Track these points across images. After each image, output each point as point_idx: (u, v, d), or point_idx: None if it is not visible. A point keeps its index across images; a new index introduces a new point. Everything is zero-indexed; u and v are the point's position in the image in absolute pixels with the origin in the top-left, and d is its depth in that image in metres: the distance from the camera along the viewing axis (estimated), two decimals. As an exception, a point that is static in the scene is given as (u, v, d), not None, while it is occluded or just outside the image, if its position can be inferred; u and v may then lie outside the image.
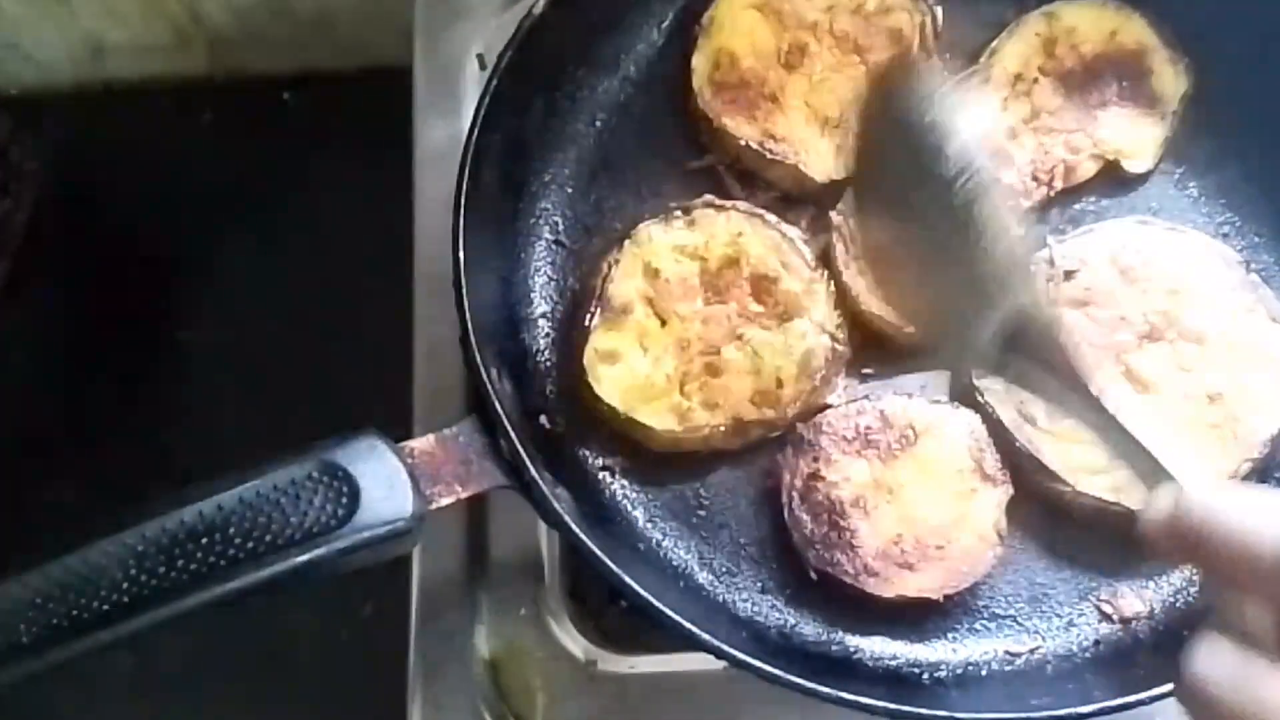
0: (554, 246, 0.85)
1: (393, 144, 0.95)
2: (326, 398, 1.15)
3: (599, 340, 0.77)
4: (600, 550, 0.70)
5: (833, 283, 0.80)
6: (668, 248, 0.80)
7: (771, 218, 0.81)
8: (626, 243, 0.79)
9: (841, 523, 0.76)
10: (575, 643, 0.83)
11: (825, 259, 0.81)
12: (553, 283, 0.84)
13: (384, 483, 0.67)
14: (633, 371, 0.77)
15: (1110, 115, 0.85)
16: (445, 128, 0.95)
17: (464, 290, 0.73)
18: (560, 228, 0.85)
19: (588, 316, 0.78)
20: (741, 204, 0.82)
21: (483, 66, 0.96)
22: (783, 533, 0.77)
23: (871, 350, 0.82)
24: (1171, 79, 0.85)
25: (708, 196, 0.81)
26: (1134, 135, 0.84)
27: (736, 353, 0.78)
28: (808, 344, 0.79)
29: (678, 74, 0.85)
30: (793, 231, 0.81)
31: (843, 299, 0.80)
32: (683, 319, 0.79)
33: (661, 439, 0.77)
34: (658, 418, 0.77)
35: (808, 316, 0.79)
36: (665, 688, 0.81)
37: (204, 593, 0.63)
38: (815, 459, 0.77)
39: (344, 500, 0.66)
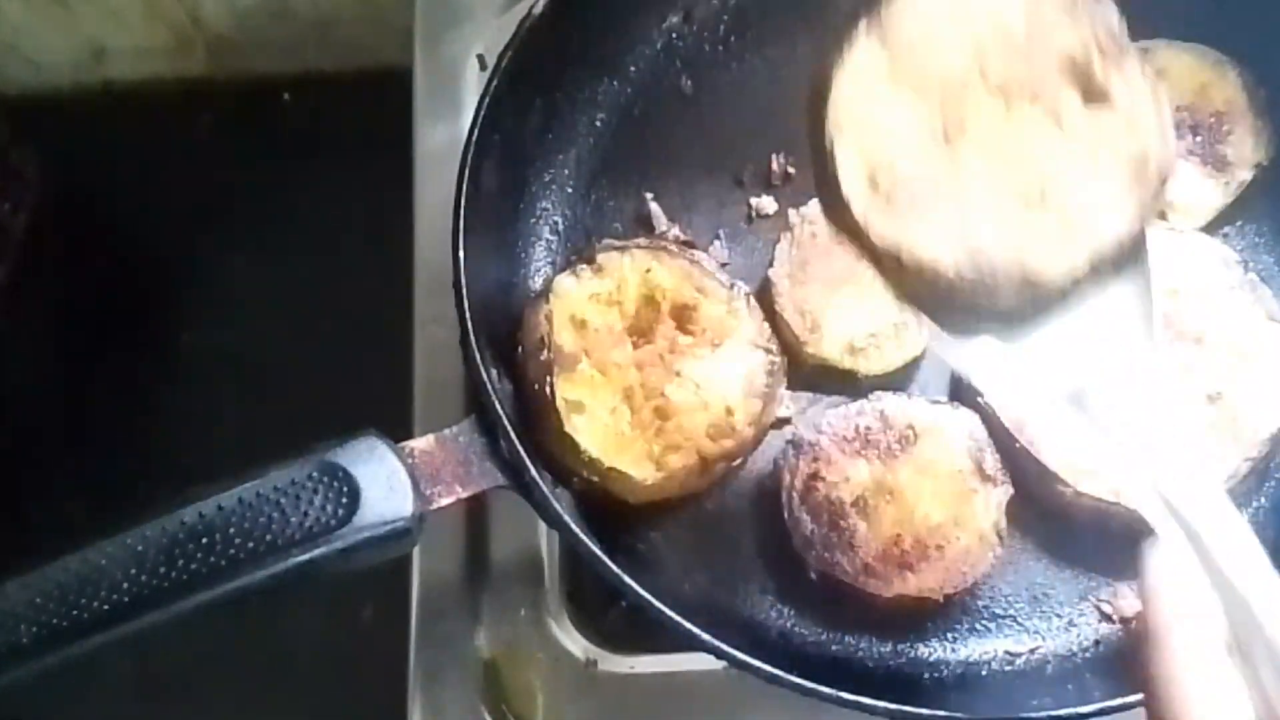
0: (554, 247, 0.85)
1: (393, 145, 0.95)
2: (326, 398, 1.15)
3: (565, 391, 0.75)
4: (600, 550, 0.70)
5: (750, 298, 0.79)
6: (584, 298, 0.78)
7: (674, 248, 0.80)
8: (550, 295, 0.77)
9: (841, 523, 0.76)
10: (575, 643, 0.83)
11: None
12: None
13: (384, 483, 0.67)
14: (602, 421, 0.75)
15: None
16: (445, 129, 0.95)
17: (464, 291, 0.73)
18: (560, 228, 0.85)
19: (548, 373, 0.75)
20: (641, 240, 0.81)
21: (483, 68, 0.96)
22: (783, 533, 0.77)
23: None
24: (1250, 146, 0.83)
25: (607, 240, 0.80)
26: (1192, 194, 0.82)
27: (680, 390, 0.76)
28: (746, 364, 0.78)
29: (677, 74, 0.85)
30: (700, 256, 0.81)
31: (770, 310, 0.80)
32: (620, 367, 0.77)
33: (641, 490, 0.75)
34: (636, 467, 0.75)
35: (737, 336, 0.78)
36: (665, 688, 0.81)
37: (204, 593, 0.63)
38: (815, 459, 0.77)
39: (344, 500, 0.66)
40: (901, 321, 0.80)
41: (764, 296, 0.81)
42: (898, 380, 0.81)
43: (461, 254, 0.74)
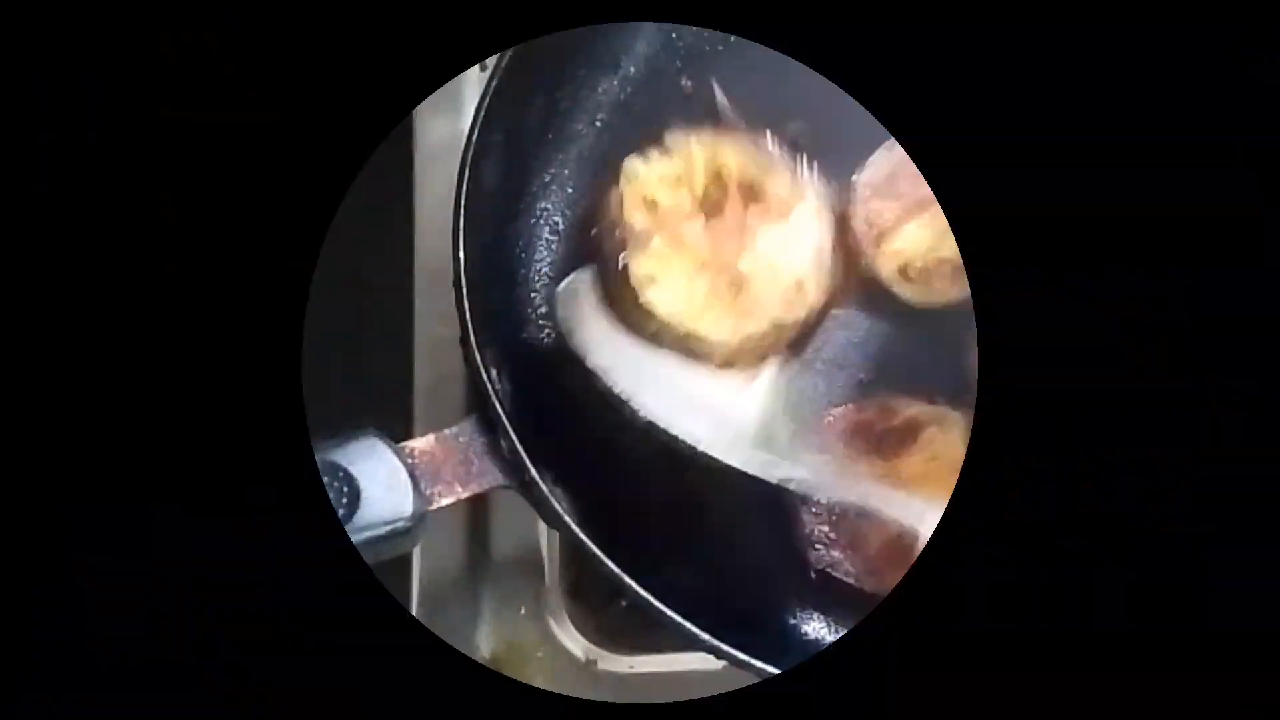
0: (554, 247, 0.85)
1: (393, 142, 0.95)
2: (326, 397, 1.15)
3: (638, 265, 0.76)
4: (600, 549, 0.70)
5: (816, 172, 0.80)
6: (654, 180, 0.78)
7: (740, 130, 0.81)
8: (621, 179, 0.78)
9: (842, 523, 0.76)
10: (575, 642, 0.83)
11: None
12: (553, 283, 0.84)
13: (384, 482, 0.67)
14: (678, 291, 0.76)
15: None
16: (446, 127, 0.95)
17: (464, 290, 0.73)
18: (560, 228, 0.85)
19: (622, 249, 0.76)
20: (708, 123, 0.82)
21: (483, 68, 0.96)
22: (783, 532, 0.77)
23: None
24: None
25: (674, 123, 0.81)
26: None
27: (752, 263, 0.77)
28: (814, 236, 0.79)
29: (677, 73, 0.85)
30: (767, 137, 0.81)
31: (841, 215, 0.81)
32: (692, 244, 0.78)
33: (718, 353, 0.76)
34: (714, 330, 0.76)
35: (804, 209, 0.79)
36: (665, 687, 0.81)
37: (206, 592, 0.63)
38: (816, 458, 0.77)
39: (344, 500, 0.66)
40: (959, 263, 0.79)
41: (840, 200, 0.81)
42: (898, 379, 0.81)
43: (462, 253, 0.74)
